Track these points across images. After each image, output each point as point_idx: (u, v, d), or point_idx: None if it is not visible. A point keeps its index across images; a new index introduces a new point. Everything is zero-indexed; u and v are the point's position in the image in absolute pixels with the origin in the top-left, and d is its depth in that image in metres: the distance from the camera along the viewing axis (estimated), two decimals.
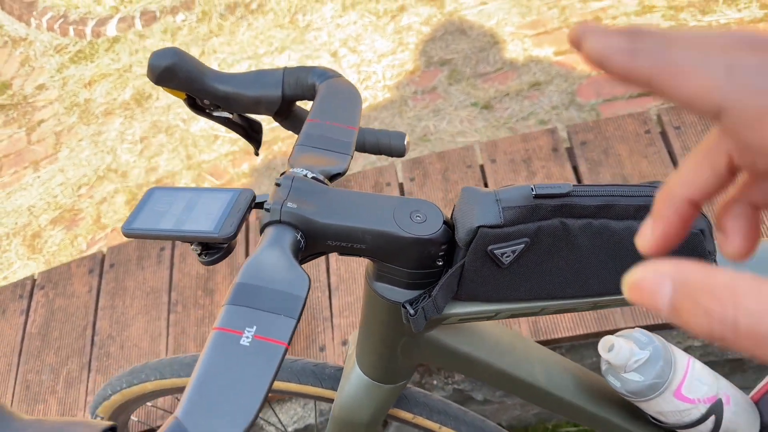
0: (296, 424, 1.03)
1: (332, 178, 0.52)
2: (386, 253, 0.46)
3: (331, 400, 0.67)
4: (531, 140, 1.11)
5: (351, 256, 0.49)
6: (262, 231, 0.47)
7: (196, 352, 0.73)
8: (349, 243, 0.46)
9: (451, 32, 2.11)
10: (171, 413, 0.98)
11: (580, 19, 1.99)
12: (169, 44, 2.51)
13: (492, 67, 1.94)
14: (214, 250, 0.53)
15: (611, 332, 0.90)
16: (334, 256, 1.11)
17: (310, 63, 2.21)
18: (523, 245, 0.44)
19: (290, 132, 0.69)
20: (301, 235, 0.46)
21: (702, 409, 0.62)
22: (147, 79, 2.42)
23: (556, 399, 0.62)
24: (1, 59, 2.88)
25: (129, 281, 1.20)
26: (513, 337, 0.62)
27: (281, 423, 0.93)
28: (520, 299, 0.49)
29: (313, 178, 0.49)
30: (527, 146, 1.10)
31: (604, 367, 0.63)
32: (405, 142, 0.70)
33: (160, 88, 2.35)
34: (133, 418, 0.90)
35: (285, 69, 0.64)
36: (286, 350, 0.40)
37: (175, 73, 0.59)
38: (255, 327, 0.40)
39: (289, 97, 0.63)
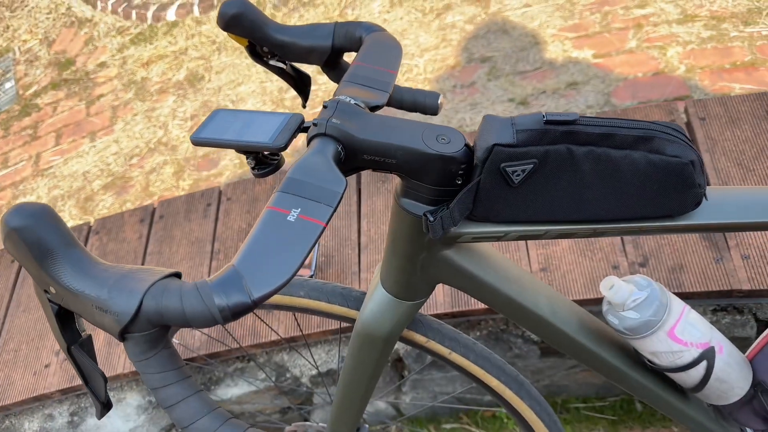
0: (321, 367, 1.11)
1: (372, 109, 0.60)
2: (413, 169, 0.54)
3: (354, 321, 0.74)
4: None
5: (382, 171, 0.57)
6: (309, 142, 0.55)
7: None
8: (382, 158, 0.54)
9: (494, 31, 2.18)
10: (210, 337, 1.06)
11: (622, 25, 2.04)
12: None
13: (531, 66, 2.00)
14: (265, 165, 0.61)
15: None
16: (365, 220, 1.19)
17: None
18: (532, 165, 0.51)
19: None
20: (341, 148, 0.54)
21: (694, 353, 0.67)
22: (201, 62, 2.56)
23: (558, 332, 0.68)
24: (67, 38, 3.07)
25: (176, 231, 1.30)
26: (522, 271, 0.68)
27: (314, 360, 1.01)
28: (526, 221, 0.56)
29: (355, 104, 0.57)
30: None
31: (605, 307, 0.68)
32: (438, 102, 0.78)
33: (213, 70, 2.48)
34: (175, 340, 0.99)
35: (336, 23, 0.72)
36: (324, 228, 0.48)
37: (241, 21, 0.68)
38: (300, 209, 0.48)
39: (338, 48, 0.71)
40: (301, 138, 2.04)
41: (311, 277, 1.08)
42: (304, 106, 0.83)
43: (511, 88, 1.96)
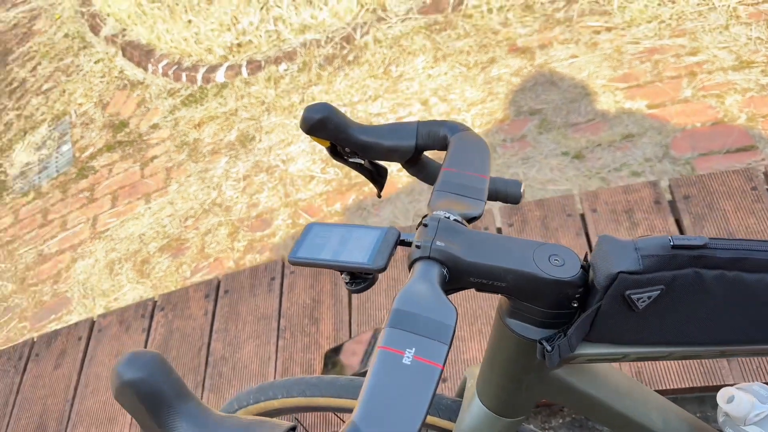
0: None
1: (469, 221, 0.59)
2: (525, 292, 0.52)
3: (446, 431, 0.71)
4: (632, 192, 1.14)
5: (489, 292, 0.55)
6: (411, 266, 0.54)
7: (320, 375, 0.80)
8: (490, 281, 0.52)
9: (542, 83, 2.17)
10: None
11: (674, 73, 2.00)
12: (272, 91, 2.71)
13: (583, 118, 1.98)
14: (360, 279, 0.60)
15: (717, 387, 0.90)
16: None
17: (401, 110, 2.33)
18: (658, 291, 0.48)
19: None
20: (446, 271, 0.52)
21: None
22: (251, 123, 2.62)
23: None
24: (120, 100, 3.19)
25: (242, 307, 1.30)
26: (632, 382, 0.65)
27: None
28: (649, 343, 0.53)
29: (455, 220, 0.56)
30: (628, 197, 1.13)
31: (721, 419, 0.64)
32: (521, 190, 0.76)
33: (263, 130, 2.54)
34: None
35: (419, 122, 0.72)
36: (441, 372, 0.46)
37: (326, 125, 0.68)
38: (414, 348, 0.46)
39: (421, 147, 0.71)
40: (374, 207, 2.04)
41: None
42: (379, 196, 0.82)
43: (564, 141, 1.94)
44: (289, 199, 2.20)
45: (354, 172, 2.19)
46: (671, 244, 0.48)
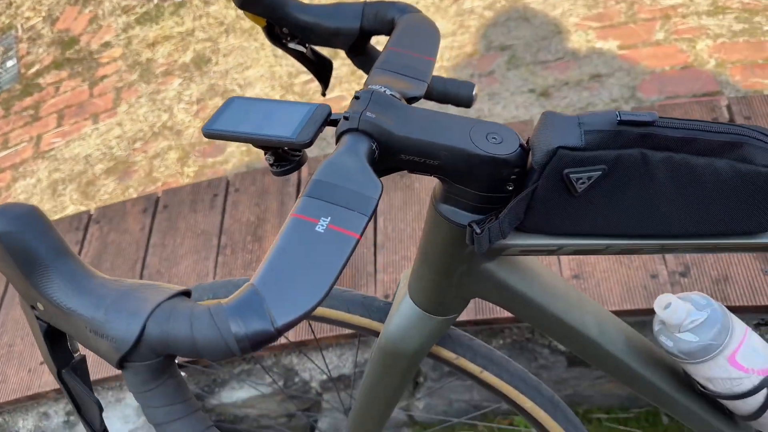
0: (333, 372, 1.05)
1: (409, 101, 0.53)
2: (459, 172, 0.47)
3: (375, 333, 0.68)
4: None
5: (422, 173, 0.50)
6: (338, 139, 0.48)
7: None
8: (422, 158, 0.47)
9: (514, 19, 2.09)
10: None
11: (649, 15, 1.95)
12: (232, 12, 2.56)
13: (553, 56, 1.92)
14: (286, 161, 0.54)
15: None
16: (382, 217, 1.12)
17: None
18: (599, 172, 0.44)
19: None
20: (376, 146, 0.47)
21: (755, 380, 0.61)
22: (208, 44, 2.48)
23: (604, 353, 0.61)
24: (71, 16, 2.99)
25: (181, 222, 1.23)
26: (568, 286, 0.61)
27: (326, 365, 0.95)
28: (586, 233, 0.49)
29: (391, 95, 0.50)
30: None
31: (657, 327, 0.62)
32: (473, 93, 0.70)
33: (220, 52, 2.40)
34: None
35: (365, 3, 0.65)
36: (358, 241, 0.41)
37: None
38: (330, 217, 0.41)
39: (366, 31, 0.64)
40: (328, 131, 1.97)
41: None
42: (323, 94, 0.75)
43: (532, 78, 1.88)
44: None
45: (315, 98, 2.09)
46: (618, 119, 0.44)
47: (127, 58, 2.58)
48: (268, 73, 2.25)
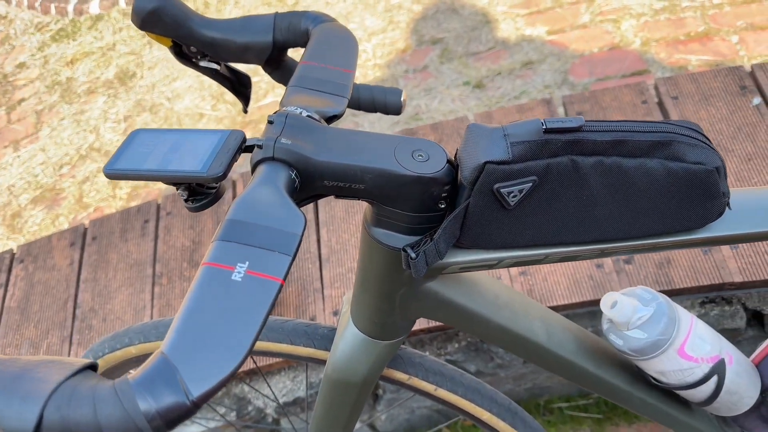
0: (285, 397, 1.01)
1: (329, 120, 0.50)
2: (386, 194, 0.44)
3: (323, 362, 0.64)
4: (526, 111, 1.09)
5: (348, 198, 0.46)
6: (253, 170, 0.45)
7: None
8: (347, 183, 0.44)
9: (443, 11, 2.08)
10: None
11: (573, 0, 1.97)
12: None
13: (484, 47, 1.92)
14: (201, 195, 0.50)
15: None
16: (324, 228, 1.08)
17: None
18: (530, 184, 0.42)
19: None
20: (295, 174, 0.43)
21: (705, 369, 0.61)
22: (131, 58, 2.36)
23: (556, 357, 0.60)
24: None
25: (112, 254, 1.16)
26: (512, 292, 0.60)
27: (273, 393, 0.90)
28: (524, 245, 0.47)
29: (308, 116, 0.47)
30: (522, 117, 1.08)
31: (605, 326, 0.61)
32: (402, 99, 0.68)
33: (145, 65, 2.30)
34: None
35: (276, 14, 0.61)
36: (281, 286, 0.37)
37: (161, 17, 0.56)
38: (247, 262, 0.37)
39: (280, 44, 0.60)
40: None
41: None
42: (245, 111, 0.71)
43: (465, 70, 1.88)
44: None
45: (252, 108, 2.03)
46: (543, 127, 0.42)
47: (45, 79, 2.44)
48: (197, 83, 2.16)
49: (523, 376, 1.06)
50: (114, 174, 0.47)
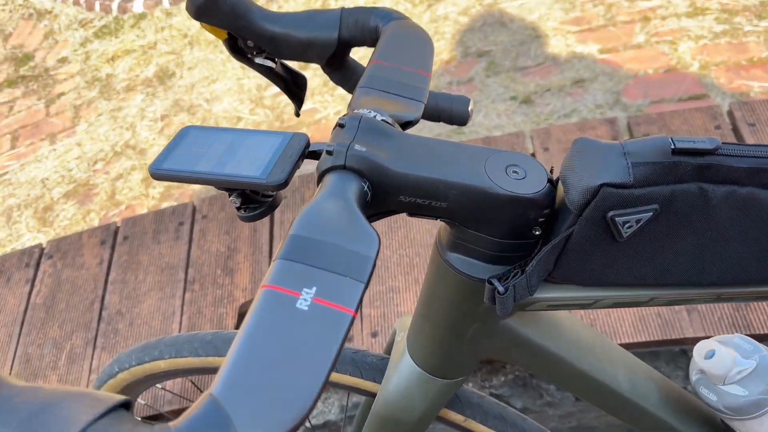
0: (315, 419, 0.94)
1: (403, 126, 0.44)
2: (472, 216, 0.38)
3: (370, 393, 0.58)
4: (588, 129, 1.02)
5: (425, 217, 0.40)
6: (320, 179, 0.39)
7: (217, 331, 0.65)
8: (426, 199, 0.38)
9: (490, 24, 2.02)
10: (183, 397, 0.89)
11: (627, 18, 1.90)
12: (196, 23, 2.45)
13: (533, 62, 1.86)
14: (256, 204, 0.45)
15: (677, 341, 0.81)
16: None
17: None
18: (651, 213, 0.35)
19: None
20: (368, 186, 0.38)
21: None
22: (171, 57, 2.35)
23: (638, 409, 0.53)
24: (25, 31, 2.83)
25: (143, 255, 1.12)
26: (593, 333, 0.53)
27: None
28: (628, 284, 0.40)
29: (383, 120, 0.41)
30: (585, 135, 1.01)
31: (695, 377, 0.53)
32: (469, 109, 0.62)
33: (185, 65, 2.28)
34: (140, 401, 0.81)
35: (343, 9, 0.55)
36: (353, 319, 0.31)
37: (218, 6, 0.51)
38: (314, 288, 0.31)
39: (345, 41, 0.55)
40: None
41: None
42: (297, 114, 0.66)
43: (513, 84, 1.81)
44: None
45: (287, 112, 1.99)
46: (672, 147, 0.35)
47: (86, 74, 2.45)
48: (236, 86, 2.13)
49: (570, 415, 0.98)
50: (161, 174, 0.42)
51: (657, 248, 0.37)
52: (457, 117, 0.62)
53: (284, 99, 2.05)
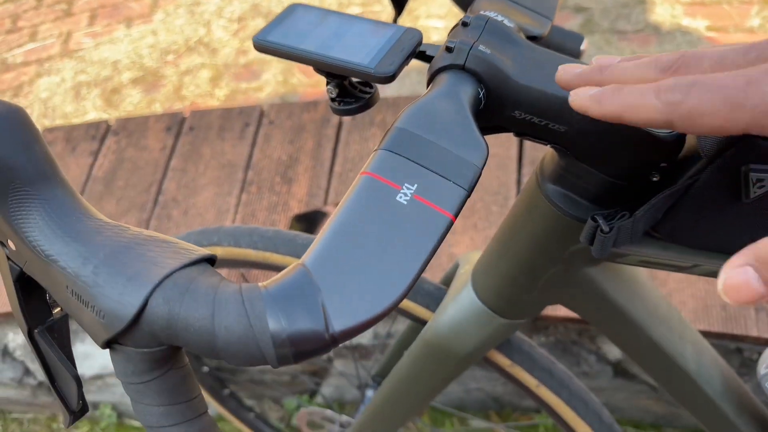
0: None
1: (530, 40, 0.40)
2: (591, 147, 0.35)
3: (420, 320, 0.57)
4: None
5: (536, 140, 0.37)
6: (432, 78, 0.36)
7: (280, 228, 0.64)
8: (545, 120, 0.35)
9: None
10: None
11: None
12: None
13: (632, 27, 1.74)
14: (352, 98, 0.42)
15: (737, 338, 0.77)
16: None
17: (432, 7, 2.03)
18: None
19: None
20: (483, 94, 0.35)
21: None
22: None
23: (700, 393, 0.50)
24: None
25: (206, 148, 1.12)
26: (670, 306, 0.50)
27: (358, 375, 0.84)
28: (735, 252, 0.37)
29: (510, 26, 0.37)
30: None
31: (763, 371, 0.50)
32: (581, 47, 0.57)
33: None
34: None
35: None
36: (451, 224, 0.29)
37: None
38: (416, 185, 0.29)
39: None
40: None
41: None
42: (395, 21, 0.62)
43: (607, 47, 1.71)
44: None
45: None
46: None
47: None
48: (316, 1, 2.08)
49: (601, 390, 0.96)
50: (264, 45, 0.39)
51: None
52: (568, 53, 0.57)
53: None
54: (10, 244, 0.29)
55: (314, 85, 1.85)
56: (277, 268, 0.60)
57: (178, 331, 0.25)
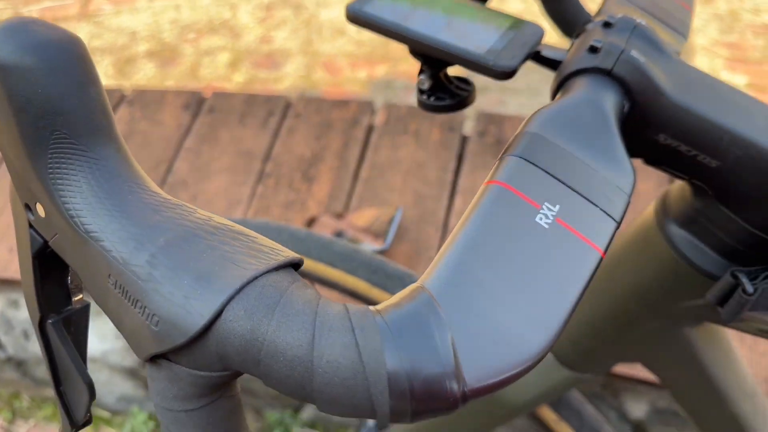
0: None
1: None
2: (744, 189, 0.29)
3: None
4: None
5: (672, 173, 0.31)
6: (565, 81, 0.30)
7: (311, 231, 0.57)
8: (695, 149, 0.29)
9: None
10: None
11: None
12: None
13: None
14: (446, 93, 0.36)
15: None
16: (461, 196, 0.94)
17: None
18: None
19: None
20: (628, 106, 0.29)
21: None
22: None
23: None
24: None
25: (224, 132, 1.05)
26: (754, 381, 0.44)
27: None
28: None
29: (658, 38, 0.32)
30: None
31: None
32: None
33: None
34: None
35: None
36: (601, 261, 0.23)
37: None
38: (558, 207, 0.23)
39: None
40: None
41: (382, 252, 0.84)
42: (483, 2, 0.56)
43: None
44: (309, 48, 1.90)
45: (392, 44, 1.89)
46: None
47: None
48: None
49: None
50: (360, 16, 0.33)
51: None
52: None
53: None
54: (39, 208, 0.22)
55: (338, 84, 1.79)
56: (307, 277, 0.54)
57: (260, 358, 0.19)
